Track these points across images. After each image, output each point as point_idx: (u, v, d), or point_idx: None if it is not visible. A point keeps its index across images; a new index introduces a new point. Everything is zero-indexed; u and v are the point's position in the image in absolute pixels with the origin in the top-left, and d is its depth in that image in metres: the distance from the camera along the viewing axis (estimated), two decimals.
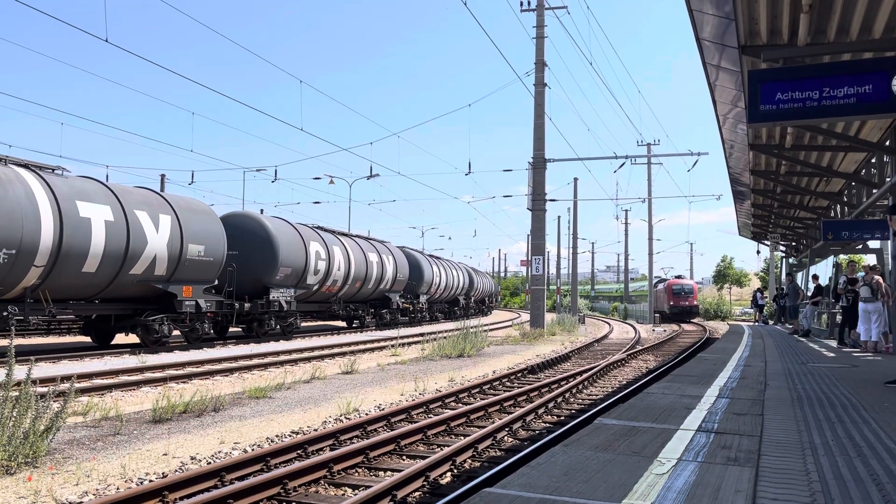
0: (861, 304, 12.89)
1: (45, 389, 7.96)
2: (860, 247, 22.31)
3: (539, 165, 28.98)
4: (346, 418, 9.45)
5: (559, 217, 68.92)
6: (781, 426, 5.11)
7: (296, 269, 23.53)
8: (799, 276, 27.68)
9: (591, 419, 9.06)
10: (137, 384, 11.95)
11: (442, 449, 7.52)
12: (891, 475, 3.66)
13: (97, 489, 5.91)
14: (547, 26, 29.13)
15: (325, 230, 27.77)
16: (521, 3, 29.44)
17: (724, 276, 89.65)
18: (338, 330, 29.92)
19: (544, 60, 28.88)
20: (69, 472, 6.33)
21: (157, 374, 13.10)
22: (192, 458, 7.04)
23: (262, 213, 25.00)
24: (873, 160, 15.14)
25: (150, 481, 6.15)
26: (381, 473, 6.76)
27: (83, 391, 10.77)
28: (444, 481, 6.54)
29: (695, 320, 50.00)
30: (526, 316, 47.13)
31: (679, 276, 57.14)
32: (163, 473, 6.47)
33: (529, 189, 29.36)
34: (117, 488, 5.98)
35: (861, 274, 13.62)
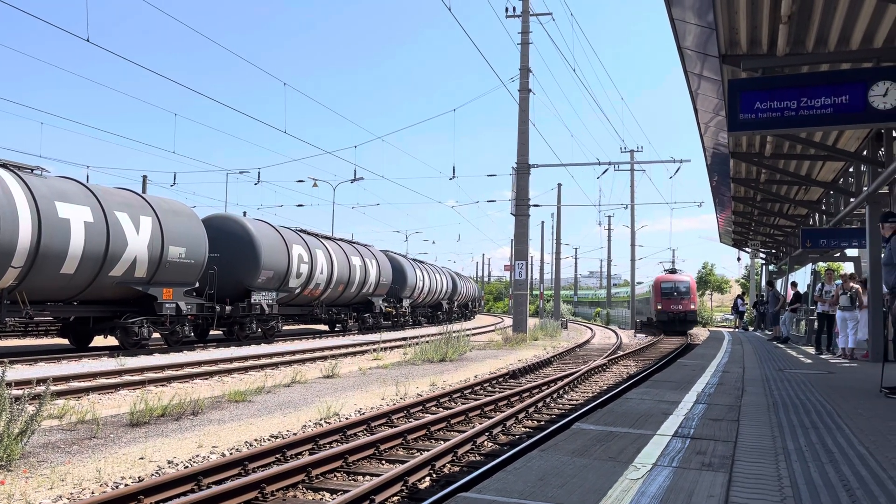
0: (838, 313, 13.08)
1: (20, 392, 7.87)
2: (838, 254, 22.62)
3: (523, 171, 29.09)
4: (326, 422, 9.42)
5: (543, 222, 69.27)
6: (756, 432, 5.16)
7: (278, 273, 23.42)
8: (778, 283, 27.99)
9: (569, 424, 9.09)
10: (115, 387, 11.84)
11: (421, 454, 7.53)
12: (861, 481, 3.71)
13: (72, 493, 5.85)
14: (532, 32, 29.28)
15: (308, 233, 27.70)
16: (507, 10, 29.56)
17: (706, 282, 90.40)
18: (320, 334, 29.81)
19: (529, 66, 29.01)
20: (43, 476, 6.26)
21: (136, 377, 12.97)
22: (170, 462, 6.98)
23: (244, 215, 24.88)
24: (851, 169, 15.35)
25: (126, 485, 6.10)
26: (360, 478, 6.75)
27: (59, 394, 10.66)
28: (422, 486, 6.54)
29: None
30: (509, 321, 47.24)
31: (673, 270, 43.22)
32: (139, 477, 6.41)
33: (513, 194, 29.45)
34: (92, 492, 5.92)
35: (838, 282, 13.80)
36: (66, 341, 19.23)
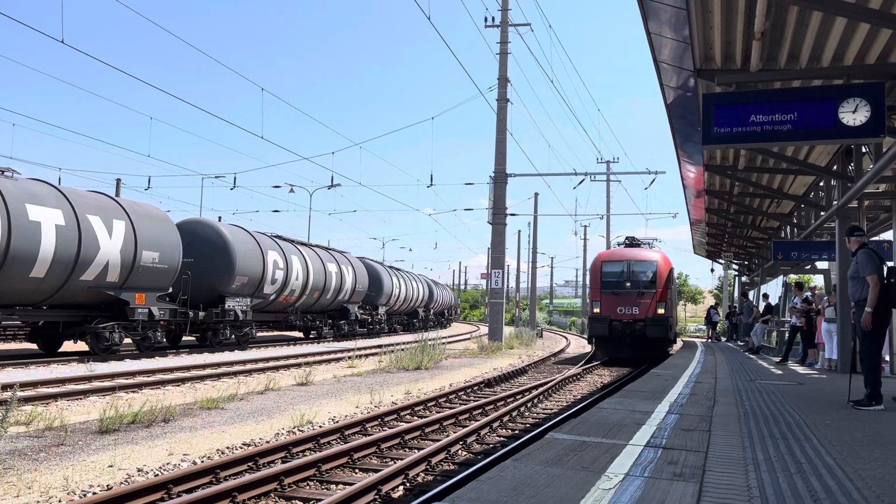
0: (824, 325, 13.28)
1: None
2: (809, 267, 23.00)
3: (500, 180, 29.21)
4: (300, 430, 9.36)
5: (519, 231, 69.54)
6: (727, 442, 5.22)
7: (252, 278, 23.24)
8: (750, 294, 28.40)
9: (542, 433, 9.12)
10: (84, 393, 11.65)
11: (395, 462, 7.50)
12: (828, 491, 3.77)
13: (38, 501, 5.74)
14: (510, 43, 29.47)
15: (284, 239, 27.52)
16: (486, 20, 29.73)
17: (679, 293, 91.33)
18: (294, 341, 29.59)
19: (507, 76, 29.18)
20: (9, 484, 6.13)
21: (106, 383, 12.78)
22: (139, 470, 6.88)
23: (219, 220, 24.67)
24: (821, 184, 15.65)
25: (94, 493, 5.99)
26: (333, 487, 6.70)
27: (27, 400, 10.46)
28: (396, 495, 6.52)
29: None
30: (485, 329, 47.28)
31: (632, 243, 24.10)
32: (108, 485, 6.31)
33: (490, 203, 29.56)
34: (59, 501, 5.81)
35: (808, 294, 14.05)
36: (34, 346, 18.88)
